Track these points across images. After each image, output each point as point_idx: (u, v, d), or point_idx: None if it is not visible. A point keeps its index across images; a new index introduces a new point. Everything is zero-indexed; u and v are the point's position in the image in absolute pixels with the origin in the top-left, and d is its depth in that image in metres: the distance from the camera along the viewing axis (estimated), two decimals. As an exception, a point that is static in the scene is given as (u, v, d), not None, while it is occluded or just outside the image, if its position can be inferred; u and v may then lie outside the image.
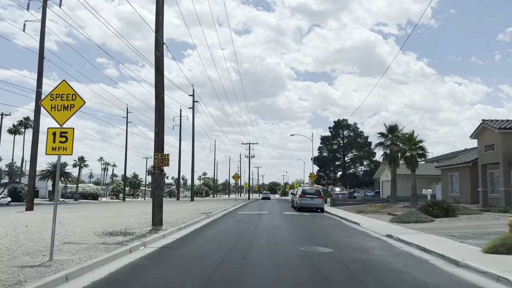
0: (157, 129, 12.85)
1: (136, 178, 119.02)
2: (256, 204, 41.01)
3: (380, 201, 33.08)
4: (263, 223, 16.88)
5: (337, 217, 20.84)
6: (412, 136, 26.71)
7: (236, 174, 48.26)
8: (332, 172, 54.17)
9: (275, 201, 57.31)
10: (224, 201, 50.15)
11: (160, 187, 13.14)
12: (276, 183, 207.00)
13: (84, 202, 66.35)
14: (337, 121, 53.17)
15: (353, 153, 53.15)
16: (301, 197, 26.06)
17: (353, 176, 52.47)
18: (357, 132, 52.30)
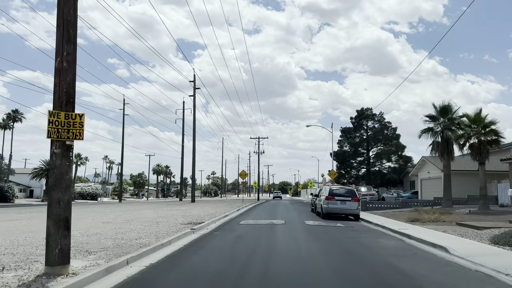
0: (59, 62, 6.08)
1: (141, 177, 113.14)
2: (266, 207, 34.18)
3: (422, 204, 25.97)
4: (278, 247, 10.01)
5: (389, 231, 13.88)
6: (480, 116, 19.52)
7: (243, 172, 41.59)
8: (354, 169, 47.08)
9: (287, 202, 50.39)
10: (230, 202, 43.51)
11: (64, 184, 6.14)
12: (286, 183, 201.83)
13: (80, 203, 60.61)
14: (360, 111, 46.05)
15: (379, 147, 46.00)
16: (329, 199, 19.17)
17: (378, 174, 45.33)
18: (383, 123, 45.19)
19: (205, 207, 30.21)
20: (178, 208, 27.57)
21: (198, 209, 25.83)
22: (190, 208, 27.44)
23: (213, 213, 21.35)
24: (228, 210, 24.97)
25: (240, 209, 27.55)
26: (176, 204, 37.76)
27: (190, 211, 23.42)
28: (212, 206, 32.16)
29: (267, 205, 37.07)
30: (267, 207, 33.67)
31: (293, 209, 30.30)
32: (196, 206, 32.22)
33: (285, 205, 38.83)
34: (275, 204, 41.60)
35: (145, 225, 13.70)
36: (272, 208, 30.41)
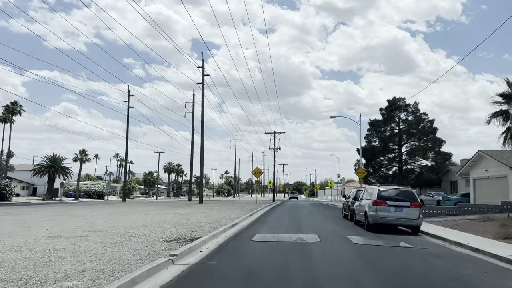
0: None
1: (151, 176, 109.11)
2: (284, 210, 28.96)
3: (485, 210, 20.30)
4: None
5: (494, 259, 8.52)
6: None
7: (257, 169, 36.45)
8: (384, 168, 41.43)
9: (307, 204, 45.04)
10: (242, 203, 38.47)
11: None
12: (301, 183, 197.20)
13: (84, 202, 56.58)
14: (391, 100, 40.40)
15: (412, 143, 40.25)
16: (379, 204, 13.88)
17: (411, 173, 39.62)
18: (418, 115, 39.47)
19: (212, 209, 25.19)
20: (179, 212, 22.59)
21: (202, 213, 20.81)
22: (193, 212, 22.43)
23: (219, 219, 16.29)
24: (238, 214, 19.88)
25: (253, 213, 22.42)
26: (181, 205, 32.86)
27: (191, 216, 18.40)
28: (220, 208, 27.11)
29: (285, 208, 31.80)
30: (286, 210, 28.42)
31: (318, 213, 25.05)
32: (201, 208, 27.21)
33: (306, 207, 33.51)
34: (294, 206, 36.32)
35: (103, 245, 8.64)
36: (293, 212, 25.18)
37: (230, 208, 27.58)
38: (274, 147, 51.54)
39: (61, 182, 65.13)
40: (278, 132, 52.41)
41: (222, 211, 23.54)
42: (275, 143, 51.76)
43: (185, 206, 31.77)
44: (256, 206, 30.95)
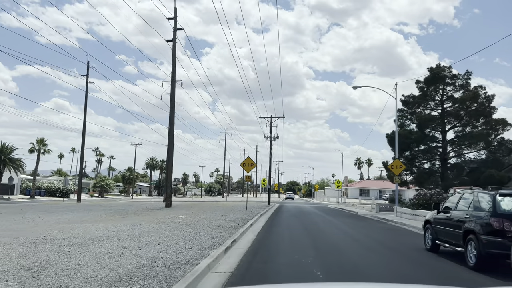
0: None
1: (131, 172, 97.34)
2: (293, 225, 17.90)
3: None
4: None
5: None
6: None
7: (248, 160, 25.42)
8: (422, 161, 30.44)
9: (315, 209, 34.02)
10: (226, 209, 27.38)
11: None
12: (294, 182, 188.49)
13: (40, 200, 45.12)
14: (433, 69, 29.48)
15: (461, 127, 29.35)
16: None
17: (459, 168, 28.74)
18: (472, 90, 28.69)
19: (169, 225, 13.96)
20: (94, 230, 11.30)
21: (130, 238, 9.50)
22: (119, 231, 11.11)
23: (132, 272, 4.88)
24: (202, 242, 8.63)
25: (235, 231, 11.22)
26: (135, 212, 21.64)
27: (86, 250, 6.98)
28: (185, 221, 15.91)
29: (292, 220, 20.59)
30: (297, 226, 17.16)
31: (360, 234, 13.94)
32: (152, 221, 15.91)
33: (325, 219, 22.41)
34: (302, 214, 25.23)
35: None
36: (319, 238, 13.85)
37: (202, 220, 16.38)
38: (271, 135, 40.57)
39: (10, 176, 53.15)
40: (276, 117, 41.41)
41: (181, 230, 12.36)
42: (271, 129, 40.77)
43: (136, 214, 20.46)
44: (244, 214, 19.80)
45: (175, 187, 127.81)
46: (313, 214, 26.13)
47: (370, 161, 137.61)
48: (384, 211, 30.03)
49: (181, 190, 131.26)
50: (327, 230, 15.48)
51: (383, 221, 21.35)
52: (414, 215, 20.97)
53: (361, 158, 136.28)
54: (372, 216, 24.96)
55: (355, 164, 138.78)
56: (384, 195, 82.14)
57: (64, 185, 51.83)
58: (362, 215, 26.50)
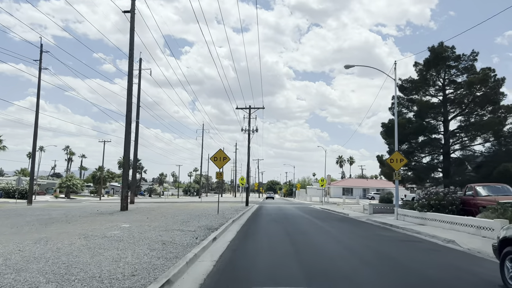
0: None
1: (101, 171, 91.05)
2: (273, 234, 13.31)
3: None
4: None
5: None
6: None
7: (219, 153, 20.85)
8: (422, 154, 26.55)
9: (300, 212, 29.81)
10: (195, 211, 22.82)
11: None
12: (275, 182, 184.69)
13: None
14: (434, 49, 25.58)
15: (467, 116, 25.61)
16: None
17: (466, 163, 25.01)
18: (479, 72, 24.99)
19: (85, 248, 9.18)
20: None
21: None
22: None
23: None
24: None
25: (184, 254, 6.53)
26: (57, 223, 16.83)
27: None
28: (119, 235, 11.18)
29: (273, 227, 16.00)
30: (280, 238, 12.44)
31: (369, 250, 9.46)
32: (72, 235, 11.15)
33: (311, 222, 18.11)
34: (284, 219, 20.83)
35: None
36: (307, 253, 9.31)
37: (150, 231, 11.75)
38: (249, 127, 36.07)
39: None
40: (255, 108, 36.97)
41: (99, 252, 7.66)
42: (250, 121, 36.26)
43: (68, 222, 15.65)
44: (213, 220, 15.30)
45: (151, 187, 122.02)
46: (298, 217, 21.81)
47: (352, 159, 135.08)
48: (379, 213, 26.00)
49: (157, 190, 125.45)
50: (321, 243, 11.12)
51: (387, 227, 17.20)
52: (424, 219, 16.91)
53: (342, 156, 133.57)
54: (368, 220, 20.84)
55: (336, 163, 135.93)
56: (368, 194, 78.81)
57: (17, 185, 45.93)
58: (355, 218, 22.36)
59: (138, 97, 45.82)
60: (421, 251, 10.05)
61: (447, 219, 15.02)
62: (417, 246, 10.97)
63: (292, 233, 13.59)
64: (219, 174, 21.46)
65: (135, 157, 45.17)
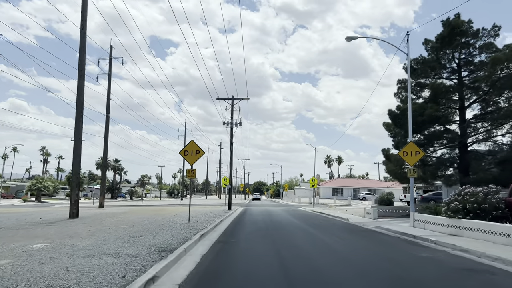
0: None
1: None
2: (257, 257, 8.70)
3: None
4: None
5: None
6: None
7: (191, 145, 16.43)
8: (434, 145, 22.50)
9: (282, 213, 25.74)
10: (161, 219, 18.35)
11: None
12: (262, 183, 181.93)
13: None
14: (449, 23, 21.59)
15: (487, 102, 21.68)
16: None
17: (482, 158, 21.10)
18: (498, 50, 21.20)
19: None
20: None
21: None
22: None
23: None
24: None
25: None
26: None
27: None
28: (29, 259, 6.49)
29: (259, 244, 11.49)
30: (267, 266, 8.07)
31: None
32: None
33: (307, 234, 13.76)
34: (273, 227, 16.44)
35: None
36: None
37: (45, 264, 7.08)
38: (232, 120, 31.53)
39: None
40: (238, 98, 32.48)
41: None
42: (232, 113, 31.72)
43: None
44: (174, 235, 10.79)
45: (132, 189, 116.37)
46: (290, 226, 17.46)
47: (340, 158, 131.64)
48: (384, 217, 21.92)
49: (139, 192, 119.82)
50: (340, 280, 6.75)
51: (409, 238, 12.97)
52: (458, 228, 12.76)
53: (330, 156, 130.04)
54: (377, 228, 16.65)
55: (324, 162, 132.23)
56: (359, 194, 75.10)
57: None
58: (360, 226, 18.14)
59: (108, 89, 41.04)
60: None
61: (497, 229, 10.88)
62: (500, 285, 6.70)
63: (284, 253, 9.27)
64: (191, 172, 16.97)
65: (104, 156, 40.32)
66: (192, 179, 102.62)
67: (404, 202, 38.99)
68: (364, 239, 12.93)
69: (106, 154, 40.38)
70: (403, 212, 23.11)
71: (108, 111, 40.47)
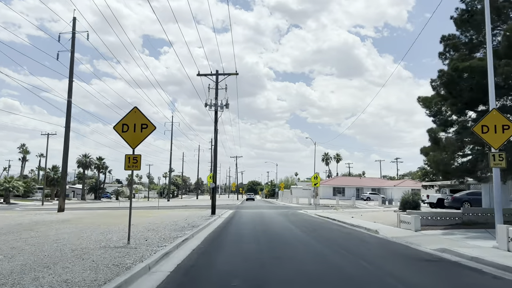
0: None
1: (56, 172, 77.96)
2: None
3: None
4: None
5: None
6: None
7: (134, 114, 9.64)
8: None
9: (282, 219, 19.18)
10: (97, 234, 11.50)
11: None
12: (256, 182, 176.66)
13: None
14: None
15: None
16: None
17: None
18: None
19: None
20: None
21: None
22: None
23: None
24: None
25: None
26: None
27: None
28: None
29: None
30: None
31: None
32: None
33: (342, 277, 6.72)
34: (273, 256, 9.44)
35: None
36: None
37: None
38: (216, 101, 24.66)
39: None
40: (224, 74, 25.67)
41: None
42: (217, 92, 24.85)
43: None
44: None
45: (118, 189, 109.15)
46: (298, 246, 10.68)
47: (339, 156, 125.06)
48: (430, 227, 15.26)
49: (125, 192, 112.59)
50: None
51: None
52: None
53: (328, 153, 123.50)
54: (446, 253, 9.97)
55: (322, 160, 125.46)
56: (362, 194, 68.42)
57: None
58: (408, 245, 11.42)
59: (71, 66, 34.03)
60: None
61: None
62: None
63: None
64: (132, 161, 10.15)
65: (65, 150, 33.23)
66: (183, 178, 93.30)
67: (427, 204, 32.40)
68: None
69: (67, 146, 33.39)
70: (452, 219, 16.51)
71: (70, 96, 33.54)
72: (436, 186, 35.33)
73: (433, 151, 15.34)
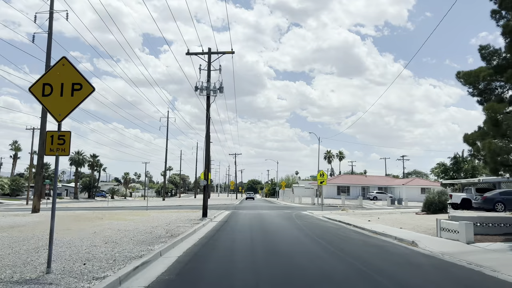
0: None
1: (47, 170, 74.27)
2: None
3: None
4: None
5: None
6: None
7: (60, 68, 6.07)
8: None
9: (287, 225, 15.24)
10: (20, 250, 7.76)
11: None
12: (256, 181, 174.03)
13: None
14: None
15: None
16: None
17: None
18: None
19: None
20: None
21: None
22: None
23: None
24: None
25: None
26: None
27: None
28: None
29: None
30: None
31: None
32: None
33: None
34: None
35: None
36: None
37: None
38: (208, 82, 20.90)
39: None
40: (217, 52, 21.96)
41: None
42: (209, 72, 21.09)
43: None
44: None
45: (113, 188, 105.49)
46: (316, 274, 6.90)
47: (342, 154, 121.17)
48: (484, 237, 11.48)
49: (121, 191, 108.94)
50: None
51: None
52: None
53: (330, 151, 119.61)
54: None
55: (324, 158, 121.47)
56: (368, 194, 64.58)
57: None
58: (481, 271, 7.62)
59: (48, 50, 30.25)
60: None
61: None
62: None
63: None
64: (57, 141, 6.40)
65: (41, 144, 29.46)
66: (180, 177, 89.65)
67: (448, 204, 28.57)
68: None
69: (44, 137, 29.48)
70: (509, 226, 12.74)
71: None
72: (456, 185, 31.59)
73: (495, 131, 11.40)
